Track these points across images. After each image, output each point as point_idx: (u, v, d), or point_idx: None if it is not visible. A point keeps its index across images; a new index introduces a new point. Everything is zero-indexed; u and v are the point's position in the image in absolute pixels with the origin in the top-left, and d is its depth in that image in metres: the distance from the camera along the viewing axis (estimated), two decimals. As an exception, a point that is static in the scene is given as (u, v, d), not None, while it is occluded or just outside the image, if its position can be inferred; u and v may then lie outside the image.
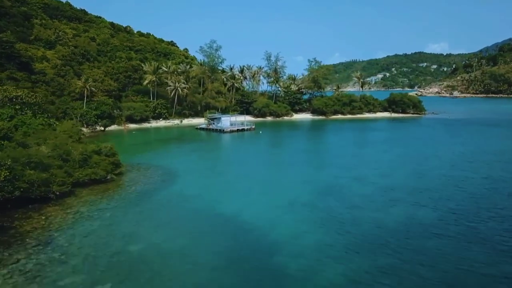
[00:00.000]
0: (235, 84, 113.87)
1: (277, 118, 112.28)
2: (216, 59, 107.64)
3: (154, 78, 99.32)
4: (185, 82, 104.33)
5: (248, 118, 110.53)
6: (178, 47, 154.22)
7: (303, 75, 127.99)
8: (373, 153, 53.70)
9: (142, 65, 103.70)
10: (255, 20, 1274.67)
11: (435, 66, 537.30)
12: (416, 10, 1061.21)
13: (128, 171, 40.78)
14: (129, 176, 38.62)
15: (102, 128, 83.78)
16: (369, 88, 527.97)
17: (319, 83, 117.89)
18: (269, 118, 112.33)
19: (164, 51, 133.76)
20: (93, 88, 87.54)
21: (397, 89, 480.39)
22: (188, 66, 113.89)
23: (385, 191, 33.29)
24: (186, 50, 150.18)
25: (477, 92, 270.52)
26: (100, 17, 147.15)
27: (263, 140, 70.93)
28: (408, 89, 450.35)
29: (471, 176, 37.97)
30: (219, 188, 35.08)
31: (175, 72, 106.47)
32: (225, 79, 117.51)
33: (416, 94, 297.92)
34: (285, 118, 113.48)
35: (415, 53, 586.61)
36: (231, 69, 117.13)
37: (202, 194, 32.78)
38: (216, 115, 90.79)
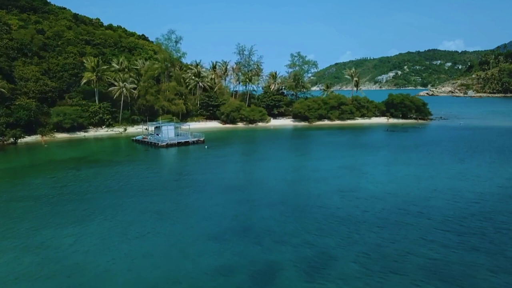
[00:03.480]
0: (200, 84, 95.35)
1: (250, 125, 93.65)
2: (174, 53, 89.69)
3: (94, 77, 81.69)
4: (136, 81, 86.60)
5: (216, 124, 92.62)
6: (152, 42, 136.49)
7: (287, 73, 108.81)
8: (327, 197, 34.66)
9: (84, 60, 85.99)
10: (262, 19, 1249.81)
11: (449, 64, 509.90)
12: (429, 6, 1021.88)
13: None
14: None
15: (12, 140, 66.54)
16: (380, 87, 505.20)
17: (302, 82, 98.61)
18: (240, 125, 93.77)
19: (129, 45, 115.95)
20: (2, 90, 70.26)
21: (409, 88, 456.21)
22: (147, 62, 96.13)
23: None
24: (159, 44, 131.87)
25: (494, 91, 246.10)
26: (63, 8, 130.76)
27: (194, 165, 52.48)
28: (421, 87, 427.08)
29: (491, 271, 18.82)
30: None
31: (126, 69, 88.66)
32: (192, 76, 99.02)
33: (427, 93, 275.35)
34: (260, 124, 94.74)
35: (429, 50, 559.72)
36: (197, 65, 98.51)
37: None
38: (156, 123, 72.58)
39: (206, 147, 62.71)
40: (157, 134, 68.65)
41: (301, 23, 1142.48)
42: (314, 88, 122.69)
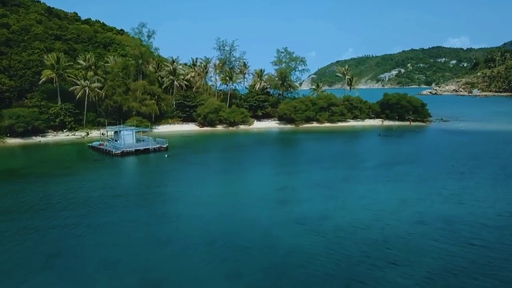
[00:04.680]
0: (176, 82, 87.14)
1: (231, 128, 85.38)
2: (146, 48, 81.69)
3: (53, 75, 73.90)
4: (103, 80, 78.68)
5: (192, 127, 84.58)
6: (132, 37, 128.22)
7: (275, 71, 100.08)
8: (281, 230, 26.83)
9: (45, 57, 78.01)
10: (262, 16, 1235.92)
11: (454, 62, 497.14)
12: (434, 2, 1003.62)
13: None
14: None
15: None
16: (383, 86, 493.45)
17: (288, 81, 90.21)
18: (219, 127, 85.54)
19: (105, 41, 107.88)
20: None
21: (413, 86, 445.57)
22: (119, 59, 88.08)
23: None
24: (139, 40, 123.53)
25: (501, 90, 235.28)
26: (37, 1, 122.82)
27: (137, 181, 44.55)
28: (425, 86, 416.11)
29: None
30: None
31: (92, 67, 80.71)
32: (169, 74, 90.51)
33: (430, 92, 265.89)
34: (241, 127, 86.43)
35: (433, 47, 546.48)
36: (173, 61, 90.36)
37: None
38: (114, 127, 64.61)
39: (166, 155, 54.69)
40: (115, 140, 60.69)
41: (302, 20, 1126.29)
42: (315, 86, 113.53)
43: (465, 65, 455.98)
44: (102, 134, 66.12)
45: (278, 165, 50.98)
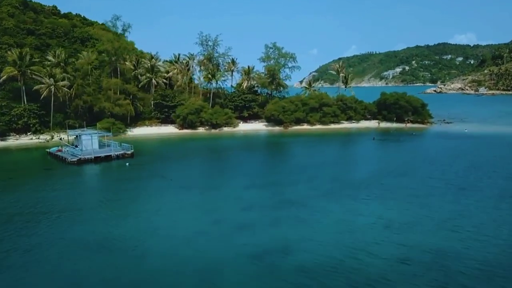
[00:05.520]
0: (154, 80, 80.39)
1: (214, 130, 78.63)
2: (120, 43, 75.20)
3: (15, 72, 67.60)
4: (72, 78, 72.21)
5: (171, 129, 78.05)
6: (114, 32, 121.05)
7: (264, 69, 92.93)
8: (228, 270, 20.84)
9: (9, 53, 71.65)
10: (261, 13, 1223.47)
11: (460, 59, 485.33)
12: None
13: None
14: None
15: None
16: (386, 84, 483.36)
17: (277, 79, 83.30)
18: (201, 130, 78.85)
19: (82, 35, 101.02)
20: None
21: (418, 84, 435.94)
22: (93, 55, 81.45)
23: None
24: (119, 35, 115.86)
25: (508, 88, 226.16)
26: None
27: (79, 199, 38.13)
28: (430, 84, 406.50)
29: None
30: None
31: (62, 64, 74.26)
32: (146, 72, 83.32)
33: (434, 91, 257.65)
34: (225, 129, 79.62)
35: (439, 44, 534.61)
36: (151, 58, 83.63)
37: None
38: (75, 131, 58.19)
39: (127, 164, 48.13)
40: (76, 146, 54.28)
41: (303, 17, 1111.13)
42: (316, 84, 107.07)
43: (471, 62, 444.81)
44: (60, 138, 59.76)
45: (253, 175, 44.05)
